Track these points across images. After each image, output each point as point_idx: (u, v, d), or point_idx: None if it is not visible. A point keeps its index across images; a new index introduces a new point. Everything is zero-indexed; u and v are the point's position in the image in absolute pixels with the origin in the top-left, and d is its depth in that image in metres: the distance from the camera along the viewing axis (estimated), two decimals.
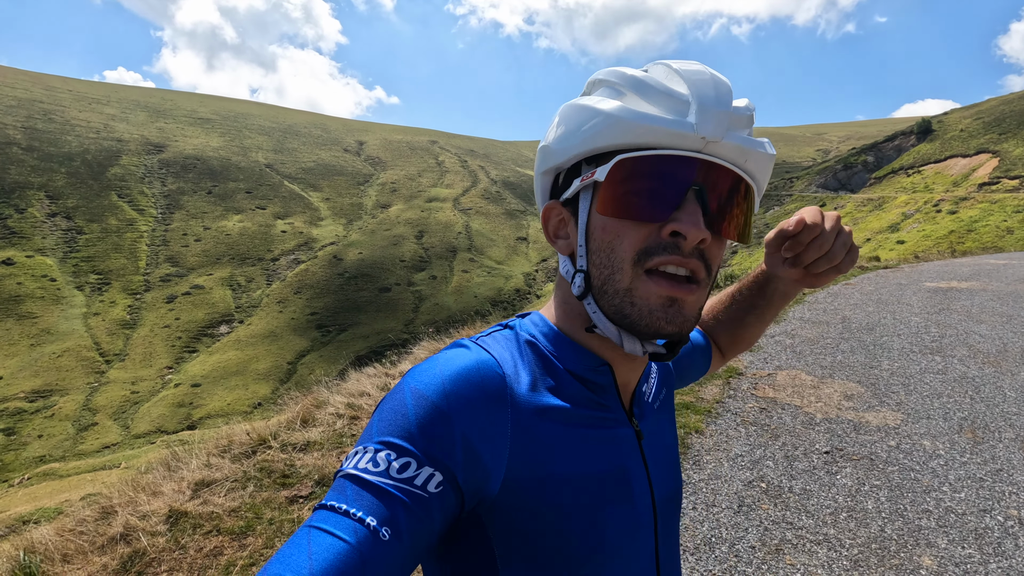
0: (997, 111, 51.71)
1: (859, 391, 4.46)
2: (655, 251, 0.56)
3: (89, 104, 77.53)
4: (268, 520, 2.93)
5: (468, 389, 0.54)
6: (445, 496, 0.51)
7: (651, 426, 0.69)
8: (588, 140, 0.59)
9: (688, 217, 0.55)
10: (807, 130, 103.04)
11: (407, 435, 0.51)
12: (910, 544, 2.54)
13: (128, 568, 2.62)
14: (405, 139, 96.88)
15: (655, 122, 0.55)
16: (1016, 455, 3.35)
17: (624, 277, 0.57)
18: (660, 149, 0.56)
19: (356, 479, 0.50)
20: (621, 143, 0.57)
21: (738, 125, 0.57)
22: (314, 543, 0.46)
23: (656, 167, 0.56)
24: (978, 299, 7.90)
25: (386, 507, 0.48)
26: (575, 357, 0.63)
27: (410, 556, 0.49)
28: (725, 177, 0.57)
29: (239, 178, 69.25)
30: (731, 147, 0.57)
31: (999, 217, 32.91)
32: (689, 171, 0.56)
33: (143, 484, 3.35)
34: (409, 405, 0.53)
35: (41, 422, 32.63)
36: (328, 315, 47.24)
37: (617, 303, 0.58)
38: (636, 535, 0.62)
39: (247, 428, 4.11)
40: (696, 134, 0.55)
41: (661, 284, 0.56)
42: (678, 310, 0.57)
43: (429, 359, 0.58)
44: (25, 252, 48.53)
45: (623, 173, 0.57)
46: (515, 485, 0.54)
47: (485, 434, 0.53)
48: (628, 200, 0.57)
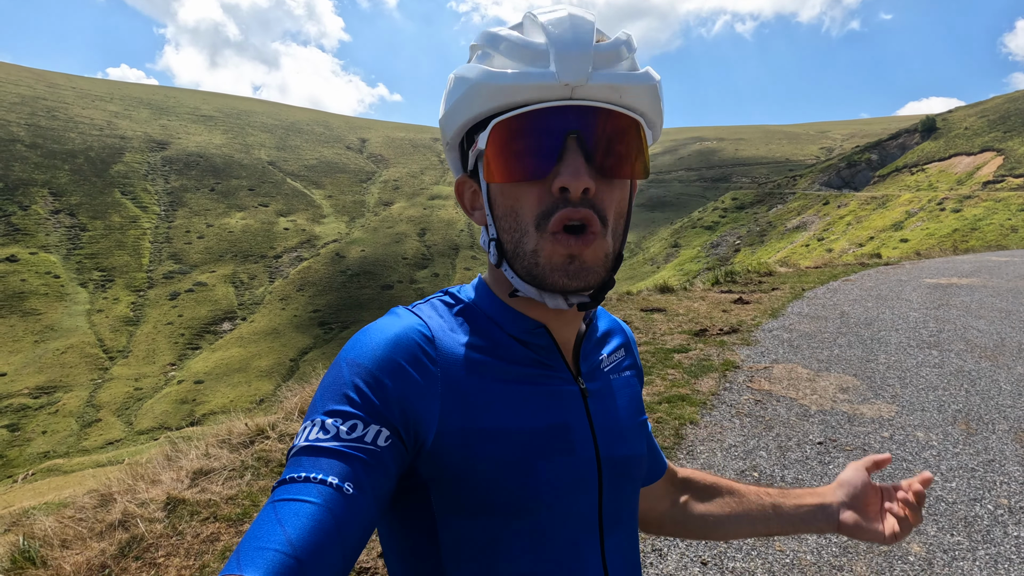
0: (1002, 109, 51.46)
1: (855, 384, 4.48)
2: (552, 210, 0.56)
3: (92, 101, 77.72)
4: None
5: (397, 353, 0.57)
6: (395, 448, 0.54)
7: (602, 389, 0.69)
8: (464, 110, 0.59)
9: (568, 168, 0.55)
10: (811, 128, 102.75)
11: (349, 400, 0.54)
12: None
13: (126, 553, 2.65)
14: (407, 136, 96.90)
15: (517, 79, 0.55)
16: (1009, 446, 3.36)
17: (530, 240, 0.58)
18: (530, 105, 0.55)
19: (309, 449, 0.51)
20: (494, 107, 0.57)
21: (605, 62, 0.56)
22: (281, 513, 0.46)
23: (530, 123, 0.55)
24: (978, 295, 7.89)
25: (344, 465, 0.50)
26: (512, 320, 0.65)
27: (375, 508, 0.51)
28: (603, 118, 0.56)
29: (242, 175, 69.38)
30: (601, 87, 0.55)
31: (1003, 215, 32.79)
32: (562, 120, 0.55)
33: (142, 473, 3.39)
34: (346, 375, 0.55)
35: (45, 418, 32.82)
36: (330, 312, 47.35)
37: (527, 265, 0.59)
38: (575, 488, 0.62)
39: (246, 420, 4.15)
40: (559, 82, 0.54)
41: (559, 242, 0.56)
42: (580, 265, 0.57)
43: (363, 329, 0.61)
44: (29, 249, 48.74)
45: (501, 137, 0.56)
46: (447, 438, 0.57)
47: (416, 393, 0.56)
48: (511, 163, 0.57)
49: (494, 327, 0.64)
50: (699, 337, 5.94)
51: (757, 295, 8.37)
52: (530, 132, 0.56)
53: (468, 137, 0.62)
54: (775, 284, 9.43)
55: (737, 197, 58.25)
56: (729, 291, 8.80)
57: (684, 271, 42.77)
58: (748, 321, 6.59)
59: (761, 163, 76.79)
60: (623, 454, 0.68)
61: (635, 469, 0.71)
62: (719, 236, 51.17)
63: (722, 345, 5.59)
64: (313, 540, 0.45)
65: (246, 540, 0.45)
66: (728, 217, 54.50)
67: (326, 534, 0.46)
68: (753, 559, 2.39)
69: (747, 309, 7.34)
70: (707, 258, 47.07)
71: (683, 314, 7.07)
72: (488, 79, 0.56)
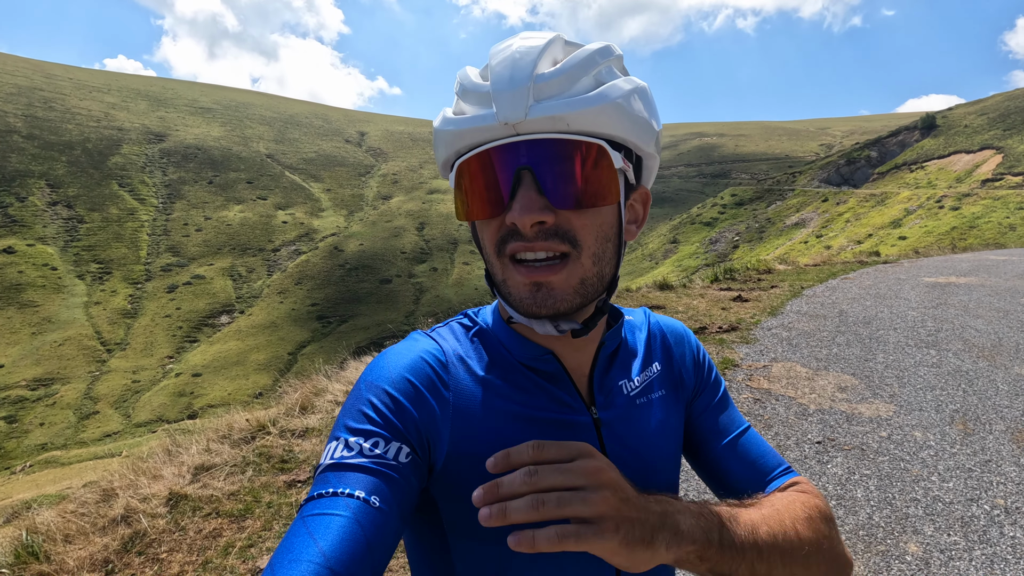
0: (1002, 107, 51.44)
1: (853, 383, 4.50)
2: (507, 239, 0.58)
3: (90, 92, 77.23)
4: (267, 503, 2.97)
5: (413, 376, 0.60)
6: (416, 465, 0.56)
7: (622, 416, 0.67)
8: (437, 155, 0.63)
9: (518, 204, 0.55)
10: (811, 124, 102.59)
11: (369, 419, 0.56)
12: (897, 531, 2.58)
13: (129, 548, 2.66)
14: (407, 130, 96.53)
15: (463, 123, 0.57)
16: (1005, 446, 3.39)
17: (497, 270, 0.60)
18: (481, 146, 0.57)
19: (335, 467, 0.53)
20: (458, 149, 0.59)
21: (550, 91, 0.55)
22: (313, 527, 0.48)
23: (483, 163, 0.57)
24: (976, 294, 7.92)
25: (369, 480, 0.52)
26: (519, 345, 0.66)
27: (400, 520, 0.53)
28: (553, 148, 0.55)
29: (240, 168, 69.10)
30: (542, 120, 0.54)
31: (1002, 214, 32.84)
32: (513, 157, 0.56)
33: (144, 468, 3.40)
34: (365, 395, 0.58)
35: (43, 410, 32.82)
36: (329, 306, 47.31)
37: (503, 294, 0.61)
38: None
39: (246, 415, 4.15)
40: (498, 123, 0.55)
41: (522, 272, 0.57)
42: (547, 293, 0.57)
43: (381, 353, 0.64)
44: (26, 241, 48.57)
45: (463, 177, 0.59)
46: (455, 463, 0.59)
47: (430, 416, 0.59)
48: (473, 201, 0.59)
49: (505, 352, 0.66)
50: (698, 335, 5.96)
51: (756, 293, 8.39)
52: (485, 170, 0.57)
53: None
54: (774, 282, 9.44)
55: (736, 193, 58.22)
56: (728, 288, 8.81)
57: (683, 267, 42.80)
58: (747, 319, 6.61)
59: (761, 159, 76.71)
60: (644, 484, 0.63)
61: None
62: (718, 232, 51.18)
63: (721, 343, 5.61)
64: (345, 551, 0.47)
65: (279, 554, 0.47)
66: (727, 213, 54.50)
67: (357, 545, 0.47)
68: None
69: (746, 307, 7.36)
70: (706, 254, 47.10)
71: (682, 311, 7.09)
72: (444, 125, 0.60)
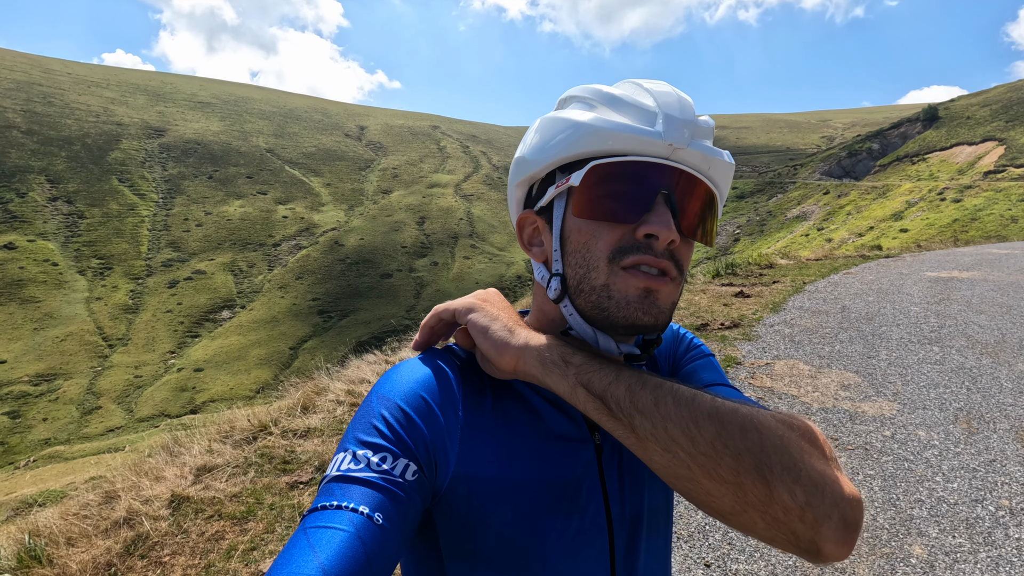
0: (1004, 98, 51.11)
1: (856, 381, 4.48)
2: (630, 250, 0.59)
3: (88, 87, 76.93)
4: (269, 505, 2.97)
5: (425, 392, 0.60)
6: (421, 483, 0.56)
7: (620, 443, 0.66)
8: (563, 148, 0.62)
9: (659, 219, 0.59)
10: (812, 116, 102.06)
11: (379, 433, 0.56)
12: (901, 533, 2.57)
13: (131, 552, 2.66)
14: (406, 124, 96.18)
15: (626, 130, 0.59)
16: (1010, 446, 3.37)
17: (600, 275, 0.60)
18: (631, 156, 0.60)
19: (341, 479, 0.53)
20: (594, 150, 0.61)
21: (701, 135, 0.61)
22: (314, 539, 0.48)
23: (627, 171, 0.59)
24: (978, 289, 7.89)
25: (375, 496, 0.52)
26: None
27: (402, 539, 0.52)
28: (691, 183, 0.61)
29: (240, 163, 68.92)
30: (696, 154, 0.60)
31: (1004, 206, 32.69)
32: (658, 176, 0.59)
33: (145, 469, 3.39)
34: (376, 408, 0.58)
35: (45, 405, 32.90)
36: (329, 301, 47.30)
37: (595, 299, 0.60)
38: (583, 550, 0.62)
39: (248, 414, 4.14)
40: (663, 141, 0.59)
41: (638, 276, 0.59)
42: (653, 301, 0.59)
43: (395, 366, 0.64)
44: (27, 236, 48.53)
45: (597, 178, 0.60)
46: (460, 484, 0.58)
47: (439, 434, 0.58)
48: (602, 203, 0.60)
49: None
50: (700, 331, 5.94)
51: (758, 288, 8.36)
52: (628, 179, 0.60)
53: (549, 178, 0.66)
54: (776, 277, 9.41)
55: (737, 186, 58.02)
56: (730, 284, 8.79)
57: None
58: (749, 315, 6.59)
59: (762, 152, 76.40)
60: (636, 511, 0.67)
61: (655, 522, 0.70)
62: (719, 225, 50.85)
63: (723, 340, 5.59)
64: (345, 567, 0.46)
65: (278, 566, 0.47)
66: (728, 206, 54.33)
67: (357, 562, 0.47)
68: (756, 561, 2.41)
69: (748, 303, 7.34)
70: (707, 248, 46.95)
71: (684, 307, 7.06)
72: (600, 124, 0.60)
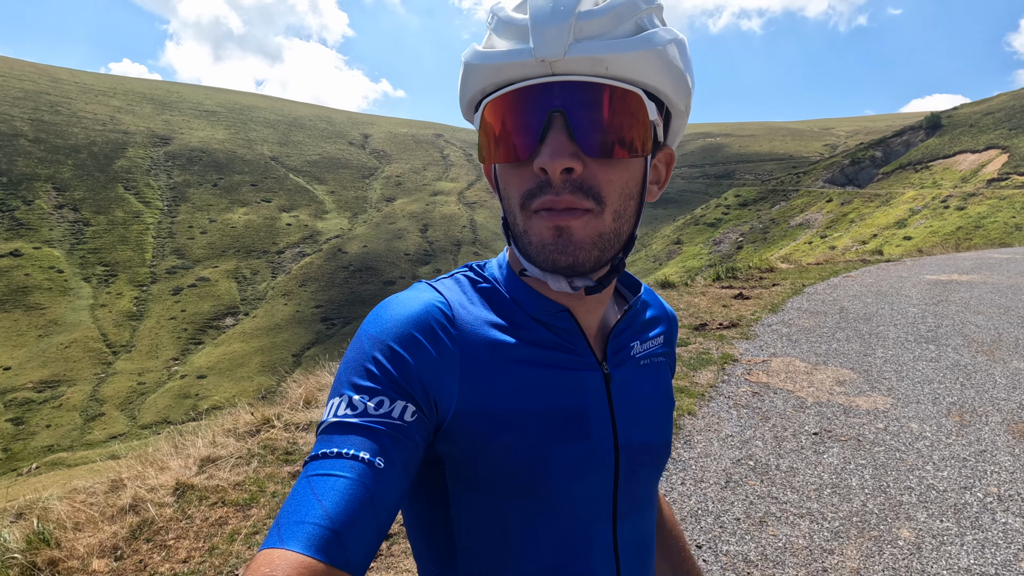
0: (1007, 106, 51.20)
1: (852, 377, 4.53)
2: (536, 192, 0.55)
3: (95, 96, 77.77)
4: (271, 493, 3.03)
5: (416, 329, 0.57)
6: (421, 423, 0.55)
7: (629, 376, 0.69)
8: (463, 92, 0.59)
9: (548, 148, 0.52)
10: (815, 124, 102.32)
11: (374, 377, 0.54)
12: (890, 518, 2.62)
13: (137, 536, 2.73)
14: (410, 132, 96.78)
15: (497, 58, 0.54)
16: (1001, 437, 3.42)
17: (519, 221, 0.57)
18: (513, 84, 0.54)
19: (339, 426, 0.52)
20: (484, 86, 0.56)
21: (592, 31, 0.52)
22: (317, 487, 0.47)
23: (514, 102, 0.54)
24: (977, 291, 7.93)
25: (374, 441, 0.51)
26: (534, 301, 0.64)
27: (405, 480, 0.52)
28: (589, 93, 0.53)
29: (244, 171, 69.44)
30: (581, 60, 0.52)
31: (1007, 213, 32.68)
32: (546, 98, 0.53)
33: (151, 459, 3.47)
34: (368, 350, 0.56)
35: (49, 412, 33.04)
36: (333, 308, 47.46)
37: (521, 246, 0.58)
38: (589, 474, 0.62)
39: (252, 410, 4.22)
40: (534, 59, 0.52)
41: (544, 218, 0.55)
42: (567, 239, 0.55)
43: (382, 303, 0.61)
44: (32, 244, 48.94)
45: (490, 117, 0.56)
46: (464, 416, 0.57)
47: (435, 369, 0.57)
48: (499, 143, 0.56)
49: (515, 307, 0.64)
50: (699, 331, 5.99)
51: (758, 291, 8.41)
52: (514, 111, 0.54)
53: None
54: (776, 280, 9.46)
55: (740, 194, 58.11)
56: (730, 287, 8.84)
57: (687, 268, 42.73)
58: (748, 316, 6.64)
59: (765, 160, 76.54)
60: (644, 441, 0.68)
61: (657, 456, 0.70)
62: (722, 233, 51.10)
63: (721, 339, 5.64)
64: (349, 513, 0.46)
65: (284, 514, 0.46)
66: (731, 214, 54.41)
67: (361, 507, 0.47)
68: (747, 543, 2.46)
69: (747, 304, 7.39)
70: (710, 255, 47.03)
71: (683, 309, 7.12)
72: (475, 59, 0.55)
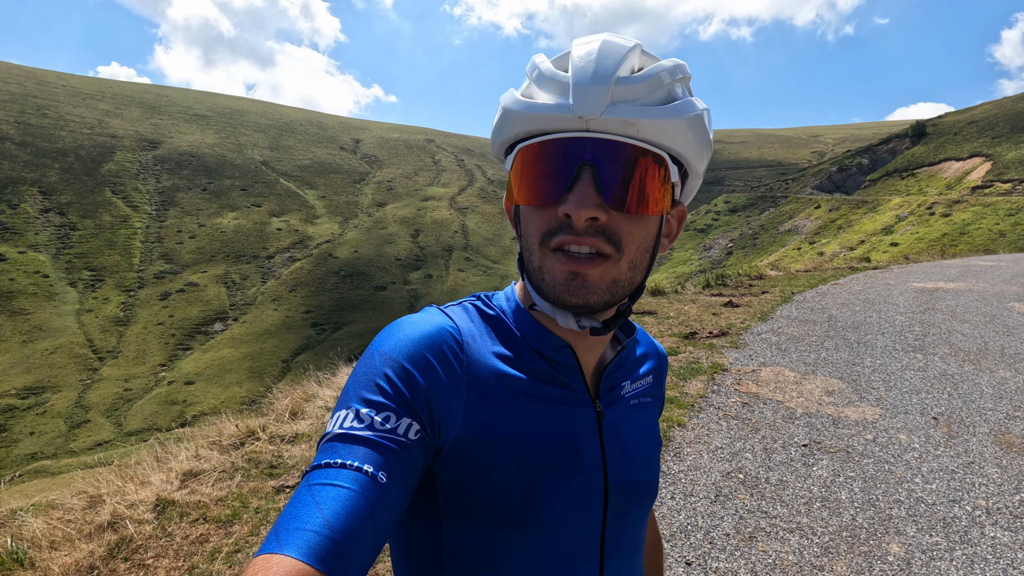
0: (990, 115, 52.06)
1: (840, 387, 4.54)
2: (555, 232, 0.59)
3: (83, 99, 77.02)
4: (255, 509, 2.97)
5: (428, 351, 0.59)
6: (424, 442, 0.56)
7: (620, 414, 0.71)
8: (498, 133, 0.64)
9: (575, 197, 0.57)
10: (803, 132, 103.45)
11: (382, 392, 0.56)
12: (880, 532, 2.61)
13: (115, 554, 2.66)
14: (402, 137, 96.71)
15: (537, 109, 0.58)
16: (988, 449, 3.43)
17: (536, 257, 0.61)
18: (549, 134, 0.59)
19: (344, 437, 0.53)
20: (520, 133, 0.61)
21: (627, 95, 0.57)
22: (319, 496, 0.48)
23: (548, 151, 0.58)
24: (963, 299, 8.00)
25: (378, 455, 0.52)
26: (538, 335, 0.66)
27: (404, 498, 0.53)
28: (616, 151, 0.57)
29: (234, 175, 68.98)
30: (615, 121, 0.57)
31: (992, 220, 33.16)
32: (576, 151, 0.57)
33: (131, 474, 3.39)
34: (379, 366, 0.58)
35: (33, 419, 32.46)
36: (323, 313, 47.15)
37: (535, 281, 0.62)
38: (580, 510, 0.64)
39: (236, 422, 4.15)
40: (573, 115, 0.56)
41: (562, 260, 0.58)
42: (581, 283, 0.59)
43: (395, 323, 0.63)
44: (18, 248, 48.23)
45: (524, 161, 0.60)
46: (465, 442, 0.58)
47: (443, 393, 0.58)
48: (529, 186, 0.60)
49: (520, 339, 0.66)
50: (689, 340, 5.99)
51: (747, 298, 8.44)
52: (547, 159, 0.58)
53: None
54: (765, 287, 9.51)
55: (730, 200, 58.57)
56: (720, 294, 8.87)
57: (677, 274, 42.94)
58: (737, 324, 6.66)
59: (755, 166, 77.28)
60: (632, 480, 0.69)
61: (644, 495, 0.72)
62: (712, 239, 51.43)
63: (711, 348, 5.64)
64: (350, 524, 0.47)
65: (284, 520, 0.47)
66: (721, 220, 54.79)
67: (361, 519, 0.48)
68: (736, 559, 2.43)
69: (737, 312, 7.41)
70: (700, 261, 47.30)
71: (673, 317, 7.13)
72: (515, 106, 0.60)
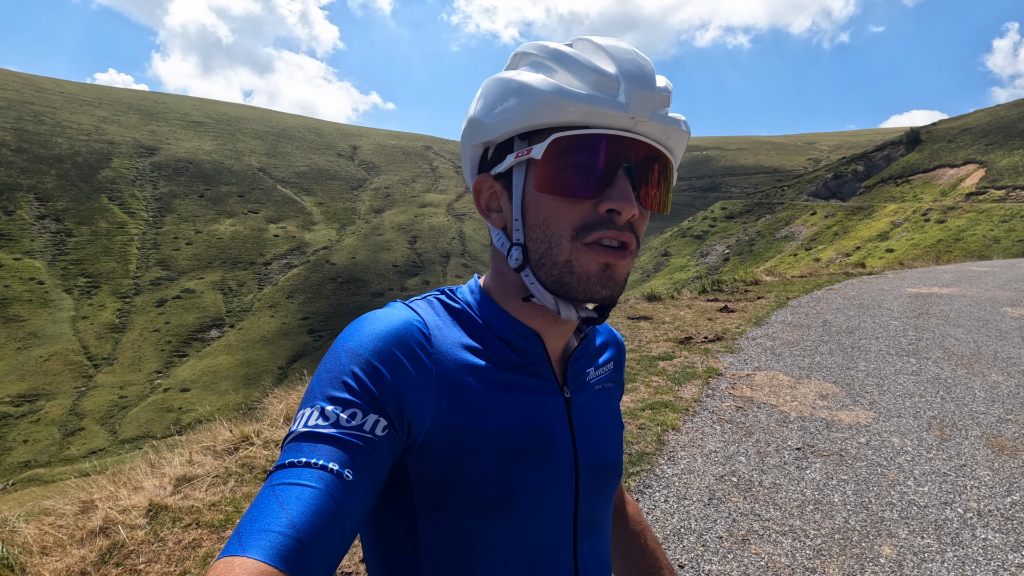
0: (984, 122, 52.52)
1: (834, 391, 4.56)
2: (593, 227, 0.59)
3: (80, 106, 77.05)
4: None
5: (395, 345, 0.58)
6: (391, 438, 0.55)
7: (586, 400, 0.72)
8: (524, 117, 0.60)
9: (620, 194, 0.58)
10: (798, 139, 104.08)
11: (348, 388, 0.55)
12: (872, 535, 2.62)
13: (106, 560, 2.64)
14: (399, 144, 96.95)
15: (588, 101, 0.57)
16: (980, 451, 3.44)
17: (563, 251, 0.60)
18: (592, 128, 0.58)
19: (309, 435, 0.52)
20: (555, 121, 0.59)
21: (661, 104, 0.60)
22: (283, 496, 0.47)
23: (590, 145, 0.58)
24: (957, 304, 8.04)
25: (344, 452, 0.51)
26: (505, 325, 0.66)
27: (372, 495, 0.53)
28: (650, 154, 0.61)
29: (231, 181, 68.98)
30: (656, 126, 0.60)
31: (986, 226, 33.38)
32: (620, 149, 0.59)
33: (124, 479, 3.38)
34: (345, 362, 0.56)
35: (27, 427, 32.24)
36: (320, 320, 47.04)
37: (556, 274, 0.61)
38: (554, 493, 0.65)
39: (230, 427, 4.14)
40: (626, 114, 0.58)
41: (599, 253, 0.60)
42: (611, 275, 0.61)
43: (360, 318, 0.62)
44: (13, 254, 48.07)
45: (558, 151, 0.59)
46: (438, 435, 0.58)
47: (412, 387, 0.57)
48: (564, 177, 0.59)
49: (486, 329, 0.66)
50: (684, 345, 6.01)
51: (742, 304, 8.47)
52: (590, 153, 0.58)
53: (507, 142, 0.64)
54: (760, 293, 9.54)
55: (727, 207, 58.82)
56: (715, 300, 8.90)
57: (674, 280, 43.02)
58: (732, 329, 6.68)
59: (751, 173, 77.66)
60: (601, 462, 0.71)
61: (611, 477, 0.73)
62: (709, 245, 51.59)
63: (706, 353, 5.66)
64: (315, 524, 0.46)
65: (246, 522, 0.46)
66: (718, 226, 54.99)
67: (327, 518, 0.47)
68: (729, 562, 2.44)
69: (732, 317, 7.43)
70: (696, 267, 47.41)
71: (669, 322, 7.14)
72: (563, 94, 0.58)
